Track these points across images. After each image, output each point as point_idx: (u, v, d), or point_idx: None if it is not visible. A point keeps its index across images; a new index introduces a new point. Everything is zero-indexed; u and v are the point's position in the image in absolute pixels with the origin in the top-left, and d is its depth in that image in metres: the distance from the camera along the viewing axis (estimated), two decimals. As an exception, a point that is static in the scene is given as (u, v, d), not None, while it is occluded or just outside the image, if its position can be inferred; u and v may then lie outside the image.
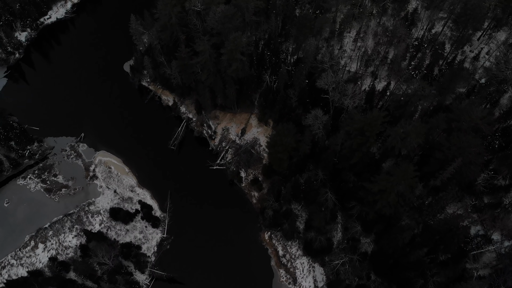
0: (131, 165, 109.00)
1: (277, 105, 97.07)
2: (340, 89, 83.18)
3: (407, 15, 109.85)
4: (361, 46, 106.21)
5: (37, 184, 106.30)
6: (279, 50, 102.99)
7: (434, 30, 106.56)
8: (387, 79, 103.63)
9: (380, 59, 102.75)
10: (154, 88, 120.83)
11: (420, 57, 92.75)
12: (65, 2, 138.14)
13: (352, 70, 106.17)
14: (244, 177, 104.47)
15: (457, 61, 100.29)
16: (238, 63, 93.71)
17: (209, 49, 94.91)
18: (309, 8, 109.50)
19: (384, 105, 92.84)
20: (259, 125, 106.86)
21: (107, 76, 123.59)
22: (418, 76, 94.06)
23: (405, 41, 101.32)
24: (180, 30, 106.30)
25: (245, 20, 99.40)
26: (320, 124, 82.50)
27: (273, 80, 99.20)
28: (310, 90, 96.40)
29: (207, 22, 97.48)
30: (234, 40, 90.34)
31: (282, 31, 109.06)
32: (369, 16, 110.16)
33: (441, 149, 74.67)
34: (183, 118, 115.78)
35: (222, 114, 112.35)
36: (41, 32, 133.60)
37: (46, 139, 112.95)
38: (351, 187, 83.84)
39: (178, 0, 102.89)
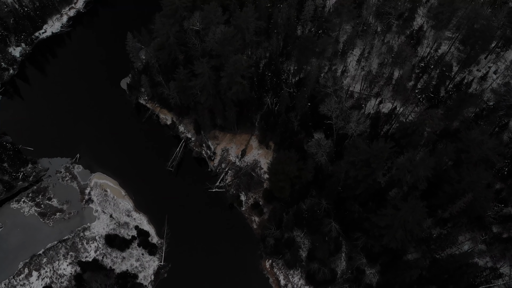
0: (127, 187, 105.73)
1: (279, 128, 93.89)
2: (344, 116, 79.88)
3: (413, 33, 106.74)
4: (365, 66, 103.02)
5: (31, 208, 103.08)
6: (280, 71, 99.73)
7: (440, 50, 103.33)
8: (391, 100, 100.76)
9: (385, 80, 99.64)
10: (151, 106, 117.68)
11: (427, 80, 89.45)
12: (60, 16, 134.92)
13: (356, 90, 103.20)
14: (244, 201, 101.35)
15: (465, 82, 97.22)
16: (239, 86, 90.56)
17: (208, 71, 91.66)
18: (311, 26, 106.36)
19: (389, 130, 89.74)
20: (259, 147, 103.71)
21: (104, 93, 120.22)
22: (425, 99, 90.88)
23: (410, 61, 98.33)
24: (178, 50, 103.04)
25: (246, 40, 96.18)
26: (323, 152, 79.28)
27: (274, 102, 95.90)
28: (313, 113, 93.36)
29: (206, 43, 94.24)
30: (234, 63, 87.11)
31: (283, 50, 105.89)
32: (374, 34, 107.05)
33: (451, 183, 71.51)
34: (181, 137, 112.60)
35: (222, 135, 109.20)
36: (36, 47, 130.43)
37: (40, 160, 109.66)
38: (356, 217, 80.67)
39: (176, 19, 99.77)
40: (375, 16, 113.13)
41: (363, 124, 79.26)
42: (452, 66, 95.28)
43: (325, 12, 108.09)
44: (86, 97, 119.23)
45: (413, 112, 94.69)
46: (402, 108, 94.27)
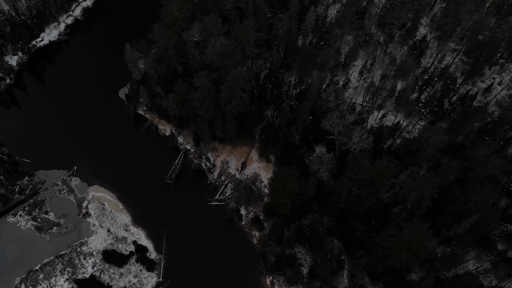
0: (125, 201, 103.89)
1: (279, 142, 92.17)
2: (346, 132, 78.11)
3: (416, 43, 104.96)
4: (367, 77, 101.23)
5: (28, 222, 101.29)
6: (281, 83, 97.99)
7: (444, 61, 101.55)
8: (394, 112, 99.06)
9: (388, 92, 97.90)
10: (150, 117, 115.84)
11: (431, 94, 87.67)
12: (58, 24, 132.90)
13: (358, 102, 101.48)
14: (245, 215, 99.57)
15: (470, 94, 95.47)
16: (239, 100, 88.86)
17: (208, 84, 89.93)
18: (312, 37, 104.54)
19: (393, 144, 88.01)
20: (260, 160, 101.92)
21: (102, 103, 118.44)
22: (428, 113, 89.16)
23: (413, 73, 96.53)
24: (177, 61, 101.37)
25: (246, 52, 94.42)
26: (326, 169, 77.52)
27: (274, 115, 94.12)
28: (314, 127, 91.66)
29: (205, 55, 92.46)
30: (234, 77, 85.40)
31: (284, 61, 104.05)
32: (376, 45, 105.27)
33: (456, 202, 69.78)
34: (180, 149, 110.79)
35: (222, 146, 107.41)
36: (33, 55, 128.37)
37: (37, 172, 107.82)
38: (359, 236, 78.92)
39: (175, 30, 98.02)
40: (377, 25, 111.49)
41: (366, 140, 77.47)
42: (456, 79, 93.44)
43: (326, 22, 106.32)
44: (84, 107, 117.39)
45: (417, 125, 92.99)
46: (406, 122, 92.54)
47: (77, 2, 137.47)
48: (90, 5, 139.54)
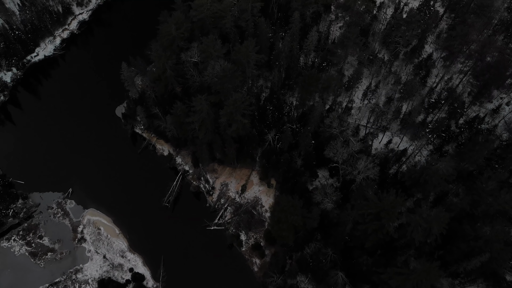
0: (122, 225, 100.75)
1: (281, 167, 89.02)
2: (351, 162, 75.04)
3: (421, 62, 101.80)
4: (371, 98, 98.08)
5: (22, 247, 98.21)
6: (282, 105, 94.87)
7: (451, 82, 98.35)
8: (400, 134, 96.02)
9: (393, 114, 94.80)
10: (148, 136, 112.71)
11: (438, 120, 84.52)
12: (53, 38, 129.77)
13: (362, 123, 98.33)
14: (245, 241, 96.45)
15: (478, 115, 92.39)
16: (239, 124, 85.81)
17: (207, 108, 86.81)
18: (314, 56, 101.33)
19: (398, 172, 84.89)
20: (261, 183, 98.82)
21: (98, 121, 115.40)
22: (436, 139, 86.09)
23: (419, 94, 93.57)
24: (175, 81, 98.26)
25: (246, 75, 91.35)
26: (330, 200, 74.48)
27: (276, 139, 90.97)
28: (317, 152, 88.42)
29: (205, 77, 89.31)
30: (234, 102, 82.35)
31: (285, 81, 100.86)
32: (380, 64, 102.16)
33: (466, 239, 66.71)
34: (178, 170, 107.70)
35: (221, 168, 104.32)
36: (28, 71, 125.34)
37: (31, 194, 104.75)
38: (365, 270, 75.85)
39: (173, 51, 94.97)
40: (382, 43, 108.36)
41: (371, 170, 74.40)
42: (464, 104, 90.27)
43: (329, 41, 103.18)
44: (80, 126, 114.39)
45: (423, 149, 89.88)
46: (412, 147, 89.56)
47: (73, 16, 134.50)
48: (87, 18, 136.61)
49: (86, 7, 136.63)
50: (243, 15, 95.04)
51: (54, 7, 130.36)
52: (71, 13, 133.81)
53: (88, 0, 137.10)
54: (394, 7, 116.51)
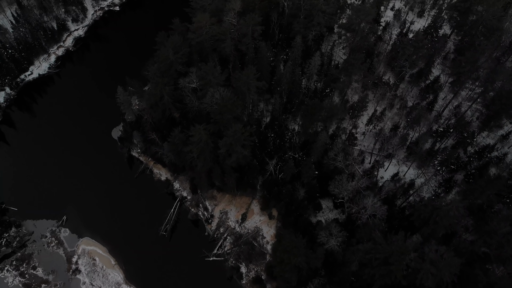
0: (117, 255, 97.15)
1: (283, 199, 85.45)
2: (357, 200, 71.49)
3: (428, 86, 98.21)
4: (376, 124, 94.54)
5: (15, 278, 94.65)
6: (284, 132, 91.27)
7: (458, 105, 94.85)
8: (406, 162, 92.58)
9: (399, 141, 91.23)
10: (145, 160, 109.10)
11: (448, 153, 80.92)
12: (48, 56, 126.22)
13: (368, 150, 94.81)
14: (245, 273, 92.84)
15: (489, 144, 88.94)
16: (239, 154, 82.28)
17: (206, 138, 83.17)
18: (317, 79, 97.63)
19: (406, 207, 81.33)
20: (261, 213, 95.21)
21: (94, 143, 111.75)
22: (445, 171, 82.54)
23: (427, 121, 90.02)
24: (173, 107, 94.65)
25: (246, 102, 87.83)
26: (335, 241, 70.94)
27: (277, 169, 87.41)
28: (321, 182, 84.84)
29: (203, 104, 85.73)
30: (234, 134, 78.74)
31: (287, 104, 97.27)
32: (385, 87, 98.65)
33: (478, 286, 63.18)
34: (176, 195, 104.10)
35: (220, 195, 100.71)
36: (21, 90, 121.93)
37: (24, 222, 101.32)
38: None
39: (171, 76, 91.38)
40: (387, 64, 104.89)
41: (379, 208, 70.86)
42: (474, 134, 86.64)
43: (332, 63, 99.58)
44: (75, 148, 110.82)
45: (432, 179, 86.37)
46: (420, 178, 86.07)
47: (69, 32, 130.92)
48: (82, 34, 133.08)
49: (81, 23, 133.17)
50: (244, 39, 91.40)
51: (49, 23, 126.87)
52: (66, 29, 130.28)
53: (84, 16, 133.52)
54: (399, 26, 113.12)
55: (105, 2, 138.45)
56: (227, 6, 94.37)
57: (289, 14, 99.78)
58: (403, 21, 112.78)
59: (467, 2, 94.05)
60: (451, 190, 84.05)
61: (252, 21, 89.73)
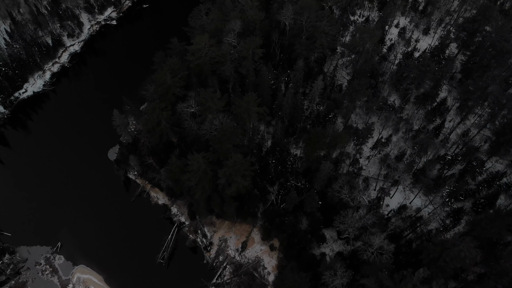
0: (113, 284, 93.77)
1: (285, 230, 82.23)
2: (364, 238, 68.26)
3: (435, 109, 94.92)
4: (381, 150, 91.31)
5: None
6: (286, 159, 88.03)
7: (468, 134, 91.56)
8: (412, 188, 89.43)
9: (405, 167, 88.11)
10: (142, 183, 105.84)
11: (457, 186, 77.66)
12: (43, 72, 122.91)
13: (373, 176, 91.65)
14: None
15: (499, 172, 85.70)
16: (239, 184, 79.11)
17: (204, 167, 79.98)
18: (319, 104, 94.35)
19: (413, 239, 78.16)
20: (262, 242, 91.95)
21: (89, 165, 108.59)
22: (453, 203, 79.35)
23: (435, 149, 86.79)
24: (171, 131, 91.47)
25: (247, 129, 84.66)
26: (340, 281, 67.75)
27: (279, 198, 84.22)
28: (324, 212, 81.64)
29: (202, 131, 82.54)
30: (234, 164, 75.57)
31: (289, 128, 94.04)
32: (390, 110, 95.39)
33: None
34: (174, 220, 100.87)
35: (220, 222, 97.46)
36: (16, 109, 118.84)
37: (18, 248, 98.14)
38: None
39: (169, 100, 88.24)
40: (391, 84, 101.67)
41: (386, 246, 67.66)
42: (484, 163, 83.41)
43: (335, 83, 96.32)
44: (70, 170, 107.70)
45: (438, 210, 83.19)
46: (427, 208, 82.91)
47: (64, 48, 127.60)
48: (78, 49, 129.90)
49: (77, 38, 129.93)
50: (244, 62, 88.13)
51: (44, 39, 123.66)
52: (62, 44, 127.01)
53: (80, 31, 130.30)
54: (404, 44, 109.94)
55: (101, 16, 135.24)
56: (227, 26, 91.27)
57: (291, 35, 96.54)
58: (408, 39, 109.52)
59: (475, 23, 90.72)
60: (459, 221, 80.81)
61: (252, 44, 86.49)
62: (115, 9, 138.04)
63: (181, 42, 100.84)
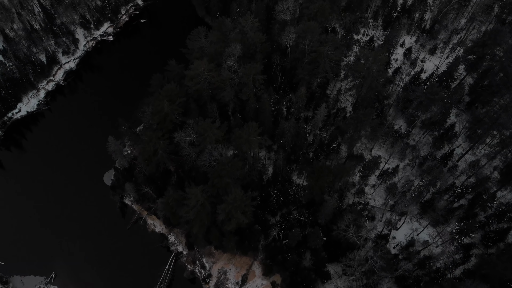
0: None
1: (288, 267, 78.56)
2: (373, 285, 64.75)
3: (442, 135, 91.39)
4: (387, 179, 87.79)
5: None
6: (288, 189, 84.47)
7: (478, 162, 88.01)
8: (419, 218, 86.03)
9: (412, 198, 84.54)
10: (138, 209, 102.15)
11: (468, 224, 74.04)
12: (37, 91, 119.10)
13: (377, 205, 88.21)
14: None
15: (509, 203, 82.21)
16: (239, 220, 75.48)
17: (203, 201, 76.35)
18: (322, 128, 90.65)
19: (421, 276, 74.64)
20: (264, 277, 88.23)
21: (84, 189, 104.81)
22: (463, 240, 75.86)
23: (444, 181, 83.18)
24: (168, 160, 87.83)
25: (247, 158, 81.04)
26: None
27: (281, 233, 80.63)
28: (328, 247, 78.09)
29: (201, 161, 78.97)
30: (234, 201, 71.96)
31: (291, 155, 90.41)
32: (396, 137, 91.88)
33: None
34: (171, 250, 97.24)
35: (219, 253, 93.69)
36: (9, 129, 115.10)
37: (12, 278, 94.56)
38: None
39: (166, 128, 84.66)
40: (397, 108, 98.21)
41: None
42: (494, 197, 79.87)
43: (339, 112, 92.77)
44: (64, 196, 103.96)
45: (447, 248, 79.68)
46: (435, 243, 79.46)
47: (59, 65, 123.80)
48: (74, 67, 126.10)
49: (73, 55, 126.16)
50: (244, 88, 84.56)
51: (38, 56, 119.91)
52: (57, 62, 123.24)
53: (76, 47, 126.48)
54: (410, 64, 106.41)
55: (98, 31, 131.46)
56: (227, 50, 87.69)
57: (293, 58, 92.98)
58: (414, 59, 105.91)
59: (485, 48, 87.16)
60: (469, 258, 77.28)
61: (253, 70, 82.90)
62: (112, 24, 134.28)
63: (179, 64, 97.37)
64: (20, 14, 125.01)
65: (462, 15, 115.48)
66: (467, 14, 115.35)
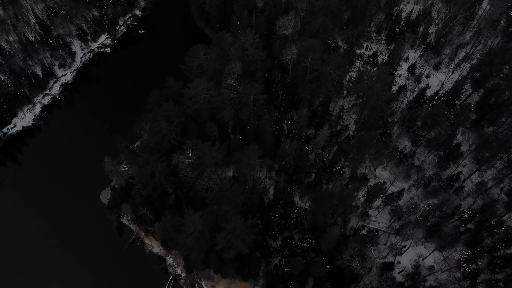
0: None
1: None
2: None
3: (448, 156, 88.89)
4: (392, 202, 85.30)
5: None
6: (290, 214, 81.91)
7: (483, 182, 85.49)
8: (424, 242, 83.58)
9: (418, 221, 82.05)
10: (135, 229, 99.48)
11: (477, 252, 71.54)
12: (33, 106, 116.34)
13: (381, 228, 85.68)
14: None
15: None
16: (240, 248, 72.88)
17: (201, 228, 73.75)
18: (323, 153, 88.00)
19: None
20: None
21: (80, 208, 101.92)
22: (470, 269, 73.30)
23: (450, 206, 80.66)
24: (166, 182, 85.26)
25: (248, 179, 78.45)
26: None
27: (283, 260, 78.00)
28: (332, 276, 75.55)
29: (200, 185, 76.37)
30: (233, 230, 69.37)
31: (293, 176, 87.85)
32: (401, 157, 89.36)
33: None
34: (169, 272, 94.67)
35: (218, 276, 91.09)
36: (3, 146, 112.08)
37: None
38: None
39: (164, 149, 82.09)
40: (401, 127, 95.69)
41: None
42: (503, 222, 77.34)
43: (342, 135, 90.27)
44: (59, 216, 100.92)
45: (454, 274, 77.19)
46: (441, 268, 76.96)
47: (55, 78, 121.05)
48: (71, 80, 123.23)
49: (69, 68, 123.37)
50: (244, 108, 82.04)
51: (33, 68, 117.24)
52: (53, 75, 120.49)
53: (72, 60, 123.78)
54: (414, 80, 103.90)
55: (95, 43, 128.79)
56: (227, 68, 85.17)
57: (294, 75, 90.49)
58: (418, 75, 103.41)
59: (493, 66, 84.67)
60: (476, 286, 74.76)
61: (253, 90, 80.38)
62: (109, 35, 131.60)
63: (177, 80, 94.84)
64: (16, 26, 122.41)
65: (468, 29, 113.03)
66: (472, 28, 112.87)
